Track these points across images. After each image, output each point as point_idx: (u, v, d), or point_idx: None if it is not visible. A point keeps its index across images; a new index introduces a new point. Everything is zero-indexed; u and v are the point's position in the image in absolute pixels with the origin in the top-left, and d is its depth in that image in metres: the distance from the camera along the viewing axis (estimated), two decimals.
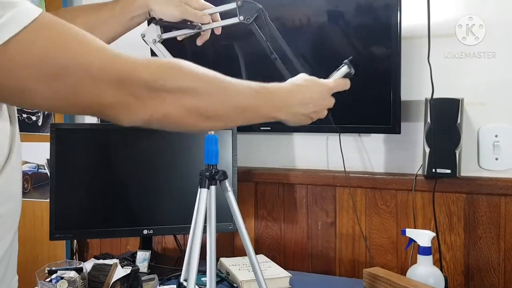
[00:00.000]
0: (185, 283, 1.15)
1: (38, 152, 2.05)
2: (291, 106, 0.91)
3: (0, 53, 0.60)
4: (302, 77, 0.97)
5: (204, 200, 1.09)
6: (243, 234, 1.14)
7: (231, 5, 1.04)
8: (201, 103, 0.76)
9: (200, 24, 1.06)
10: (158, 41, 1.06)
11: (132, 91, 0.69)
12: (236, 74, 1.81)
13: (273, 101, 0.88)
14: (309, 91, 0.94)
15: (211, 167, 1.12)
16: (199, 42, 1.10)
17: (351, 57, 1.05)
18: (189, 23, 1.06)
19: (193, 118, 0.76)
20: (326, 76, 1.03)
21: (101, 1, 1.06)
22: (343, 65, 1.04)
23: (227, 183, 1.13)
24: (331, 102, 0.98)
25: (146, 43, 1.07)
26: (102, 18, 1.04)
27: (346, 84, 1.02)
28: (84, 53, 0.66)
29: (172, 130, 0.77)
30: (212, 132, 1.11)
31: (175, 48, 1.10)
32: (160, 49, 1.07)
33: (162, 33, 1.06)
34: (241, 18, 1.04)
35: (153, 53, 1.74)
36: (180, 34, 1.07)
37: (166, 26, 1.06)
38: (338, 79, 1.02)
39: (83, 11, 1.07)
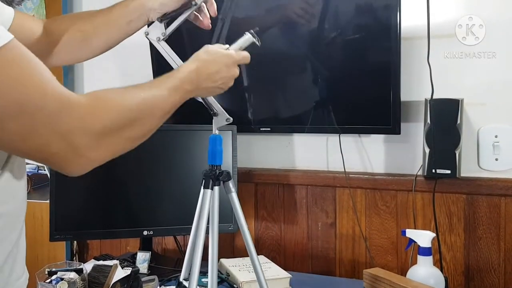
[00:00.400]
0: (184, 283, 1.15)
1: None
2: (200, 84, 0.93)
3: None
4: (206, 50, 0.97)
5: (208, 201, 1.08)
6: (246, 234, 1.14)
7: None
8: (142, 128, 0.80)
9: (195, 0, 1.04)
10: (162, 39, 1.05)
11: (83, 141, 0.68)
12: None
13: (186, 88, 0.89)
14: (215, 64, 0.96)
15: (215, 168, 1.11)
16: (205, 24, 1.08)
17: (257, 28, 1.05)
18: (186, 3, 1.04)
19: (137, 143, 0.81)
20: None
21: (102, 6, 1.06)
22: (246, 34, 1.04)
23: (230, 184, 1.13)
24: (236, 72, 1.00)
25: (150, 41, 1.06)
26: (98, 24, 1.03)
27: (248, 58, 1.03)
28: (40, 95, 0.64)
29: None
30: (217, 132, 1.10)
31: (176, 49, 1.09)
32: (164, 47, 1.05)
33: (165, 30, 1.05)
34: None
35: (152, 50, 1.75)
36: (181, 21, 1.05)
37: (168, 22, 1.05)
38: (243, 52, 1.03)
39: (79, 18, 1.06)
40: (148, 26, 1.05)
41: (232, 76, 0.99)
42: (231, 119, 1.08)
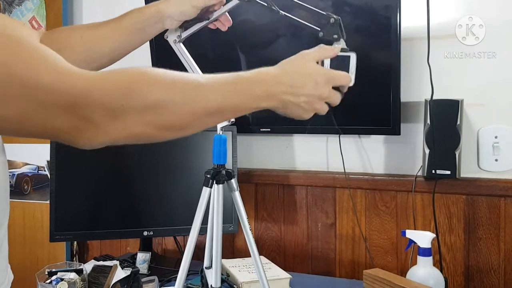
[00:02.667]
0: (206, 270, 1.18)
1: (38, 154, 2.05)
2: (277, 94, 0.78)
3: None
4: (298, 59, 0.83)
5: (206, 199, 1.11)
6: (247, 232, 1.14)
7: None
8: (170, 117, 0.67)
9: (209, 16, 1.03)
10: (179, 42, 1.07)
11: (89, 115, 0.61)
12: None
13: (254, 92, 0.75)
14: (301, 77, 0.80)
15: (220, 167, 1.12)
16: (223, 27, 1.05)
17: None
18: (205, 17, 1.04)
19: (164, 132, 0.69)
20: None
21: (102, 6, 1.05)
22: (352, 54, 0.89)
23: (233, 183, 1.14)
24: (327, 93, 0.82)
25: (170, 44, 1.08)
26: (108, 31, 0.97)
27: (347, 80, 0.85)
28: (32, 70, 0.57)
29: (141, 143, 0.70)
30: (221, 132, 1.11)
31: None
32: (180, 49, 1.08)
33: (181, 33, 1.06)
34: None
35: (152, 50, 1.75)
36: (196, 30, 1.06)
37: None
38: (341, 72, 0.85)
39: (83, 26, 1.02)
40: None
41: (319, 96, 0.81)
42: (233, 119, 1.08)
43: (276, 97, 0.78)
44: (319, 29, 0.94)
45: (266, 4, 0.98)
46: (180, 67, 1.09)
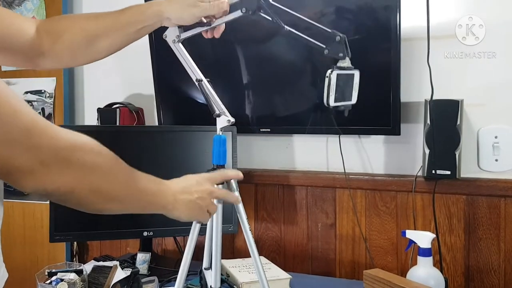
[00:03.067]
0: (205, 271, 1.17)
1: None
2: (176, 195, 0.94)
3: None
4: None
5: None
6: (247, 232, 1.14)
7: None
8: (105, 184, 0.78)
9: (210, 21, 1.06)
10: (177, 42, 1.08)
11: (45, 158, 0.69)
12: (236, 75, 1.81)
13: (166, 192, 0.93)
14: (185, 180, 0.99)
15: (219, 167, 1.12)
16: (217, 34, 1.08)
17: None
18: (204, 21, 1.05)
19: (96, 197, 0.78)
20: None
21: (102, 6, 1.05)
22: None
23: (233, 183, 1.13)
24: (210, 188, 1.01)
25: (168, 43, 1.09)
26: (106, 25, 0.99)
27: (219, 179, 1.05)
28: (8, 112, 0.65)
29: (72, 207, 0.79)
30: (221, 133, 1.11)
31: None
32: (178, 49, 1.08)
33: (180, 33, 1.07)
34: (243, 10, 1.03)
35: (152, 50, 1.75)
36: (195, 33, 1.08)
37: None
38: (216, 174, 1.07)
39: (82, 17, 1.04)
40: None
41: (206, 190, 0.99)
42: (233, 120, 1.09)
43: (176, 197, 0.94)
44: (324, 46, 0.97)
45: (270, 19, 1.00)
46: (180, 67, 1.09)
